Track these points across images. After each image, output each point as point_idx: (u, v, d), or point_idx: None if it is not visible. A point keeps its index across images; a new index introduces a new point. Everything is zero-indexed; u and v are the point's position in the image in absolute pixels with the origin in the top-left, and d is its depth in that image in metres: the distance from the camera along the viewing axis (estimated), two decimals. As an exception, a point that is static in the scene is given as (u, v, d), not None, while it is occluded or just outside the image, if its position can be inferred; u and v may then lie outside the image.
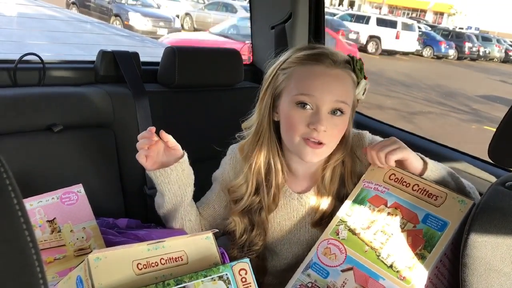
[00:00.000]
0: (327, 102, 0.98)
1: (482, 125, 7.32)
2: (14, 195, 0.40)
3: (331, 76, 1.00)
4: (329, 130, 0.99)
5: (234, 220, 1.11)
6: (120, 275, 0.71)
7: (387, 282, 0.89)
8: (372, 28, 15.22)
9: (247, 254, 1.10)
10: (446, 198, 0.93)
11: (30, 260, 0.40)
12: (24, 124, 1.32)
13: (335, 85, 1.00)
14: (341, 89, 1.00)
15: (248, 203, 1.09)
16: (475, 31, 24.38)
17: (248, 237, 1.11)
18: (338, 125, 1.01)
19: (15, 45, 4.54)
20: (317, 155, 1.02)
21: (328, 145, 1.02)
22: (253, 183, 1.09)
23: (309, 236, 1.12)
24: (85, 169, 1.40)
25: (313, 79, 0.99)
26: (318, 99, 0.98)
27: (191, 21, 12.93)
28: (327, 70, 0.99)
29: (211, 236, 0.84)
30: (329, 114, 0.99)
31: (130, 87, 1.52)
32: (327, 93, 0.98)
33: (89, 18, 9.94)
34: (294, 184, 1.12)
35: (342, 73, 1.01)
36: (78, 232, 1.00)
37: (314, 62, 1.00)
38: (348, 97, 1.01)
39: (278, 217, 1.13)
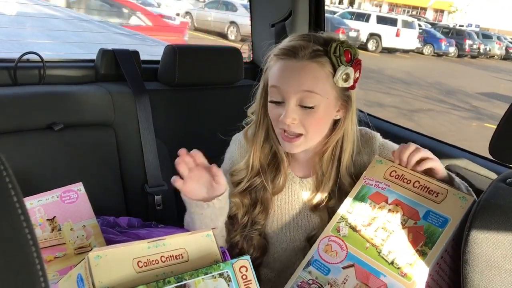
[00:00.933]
0: (292, 94, 1.00)
1: (483, 123, 7.31)
2: (14, 193, 0.40)
3: (295, 68, 1.01)
4: (302, 121, 1.01)
5: (234, 203, 1.12)
6: (120, 273, 0.71)
7: (388, 279, 0.89)
8: (372, 26, 15.20)
9: (250, 233, 1.12)
10: (447, 195, 0.93)
11: (31, 258, 0.40)
12: (24, 123, 1.33)
13: (297, 76, 1.00)
14: (305, 79, 1.00)
15: (248, 184, 1.12)
16: (475, 29, 24.37)
17: (250, 216, 1.13)
18: (311, 116, 1.01)
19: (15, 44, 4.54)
20: (296, 147, 1.05)
21: (306, 136, 1.03)
22: (254, 166, 1.11)
23: (307, 222, 1.14)
24: (85, 167, 1.40)
25: (280, 72, 1.02)
26: (283, 90, 1.01)
27: (192, 20, 12.92)
28: (294, 63, 1.01)
29: (211, 233, 0.84)
30: (298, 107, 1.01)
31: (130, 86, 1.52)
32: (290, 85, 1.00)
33: (89, 16, 9.92)
34: (296, 169, 1.15)
35: (308, 64, 1.00)
36: (78, 230, 1.01)
37: (284, 56, 1.02)
38: (316, 86, 1.00)
39: (279, 200, 1.15)
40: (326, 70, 1.01)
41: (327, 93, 1.02)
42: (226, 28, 12.30)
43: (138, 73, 1.57)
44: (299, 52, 1.00)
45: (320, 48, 1.01)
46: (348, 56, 1.02)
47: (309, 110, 1.01)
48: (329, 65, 1.01)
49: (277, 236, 1.17)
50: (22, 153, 1.30)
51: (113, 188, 1.46)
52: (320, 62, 1.01)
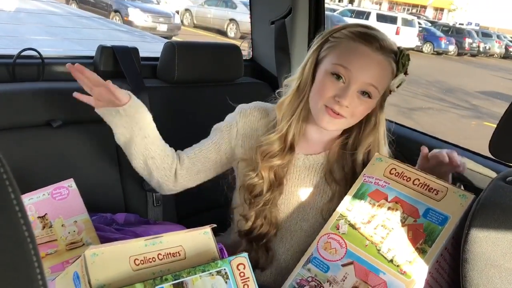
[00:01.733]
0: (359, 82, 1.02)
1: (482, 121, 7.32)
2: (11, 190, 0.40)
3: (372, 59, 1.02)
4: (351, 108, 1.03)
5: (262, 176, 1.11)
6: (117, 271, 0.71)
7: (388, 277, 0.88)
8: (372, 24, 15.06)
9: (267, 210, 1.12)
10: (446, 193, 0.93)
11: (28, 255, 0.40)
12: (22, 120, 1.32)
13: (372, 68, 1.02)
14: (377, 74, 1.03)
15: (280, 161, 1.11)
16: (475, 27, 24.37)
17: (272, 193, 1.12)
18: (363, 105, 1.04)
19: (14, 40, 4.53)
20: (334, 124, 1.06)
21: (347, 119, 1.05)
22: (289, 141, 1.11)
23: (306, 201, 1.15)
24: (84, 164, 1.40)
25: (355, 55, 1.02)
26: (352, 75, 1.01)
27: (191, 17, 12.90)
28: (371, 52, 1.02)
29: (209, 231, 0.84)
30: (357, 93, 1.03)
31: (129, 83, 1.52)
32: (362, 73, 1.01)
33: (88, 13, 9.91)
34: (302, 147, 1.15)
35: (383, 60, 1.03)
36: (69, 226, 1.00)
37: (363, 41, 1.02)
38: (381, 83, 1.04)
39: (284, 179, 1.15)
40: (391, 70, 1.05)
41: (382, 91, 1.06)
42: (225, 25, 12.29)
43: (137, 70, 1.56)
44: (382, 43, 1.03)
45: (393, 49, 1.05)
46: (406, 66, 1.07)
47: (364, 100, 1.04)
48: (394, 67, 1.05)
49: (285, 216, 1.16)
50: (20, 149, 1.29)
51: (111, 185, 1.45)
52: (389, 62, 1.04)
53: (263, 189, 1.12)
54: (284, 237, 1.17)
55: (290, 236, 1.17)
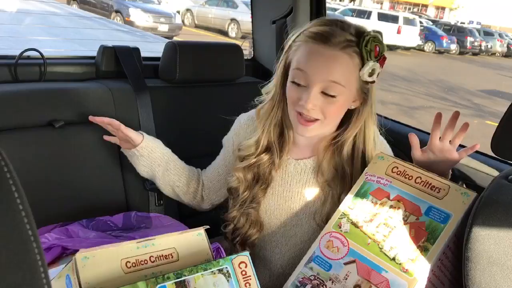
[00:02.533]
0: (318, 81, 1.00)
1: (484, 120, 7.30)
2: (15, 189, 0.40)
3: (326, 56, 1.00)
4: (319, 109, 1.02)
5: (237, 177, 1.15)
6: (108, 274, 0.71)
7: (390, 275, 0.88)
8: (374, 23, 15.15)
9: (247, 210, 1.14)
10: (449, 191, 0.93)
11: (32, 254, 0.40)
12: (25, 120, 1.32)
13: (328, 66, 1.00)
14: (334, 70, 1.00)
15: (254, 160, 1.13)
16: (477, 26, 24.32)
17: (250, 193, 1.14)
18: (331, 104, 1.02)
19: (16, 41, 4.54)
20: (309, 131, 1.05)
21: (322, 122, 1.04)
22: (263, 144, 1.13)
23: (298, 204, 1.14)
24: (86, 164, 1.40)
25: (309, 56, 1.01)
26: (310, 77, 1.00)
27: (192, 17, 12.90)
28: (324, 50, 1.00)
29: (203, 232, 0.85)
30: (320, 94, 1.01)
31: (131, 83, 1.52)
32: (318, 72, 1.00)
33: (89, 14, 9.92)
34: (293, 152, 1.16)
35: (339, 54, 1.00)
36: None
37: (315, 41, 1.01)
38: (343, 78, 1.00)
39: (272, 182, 1.15)
40: (354, 62, 1.01)
41: (351, 85, 1.02)
42: (226, 25, 12.28)
43: (139, 70, 1.56)
44: (332, 39, 0.99)
45: (353, 39, 1.00)
46: (376, 51, 1.01)
47: (331, 98, 1.01)
48: (358, 57, 1.01)
49: (268, 219, 1.16)
50: (22, 150, 1.29)
51: (113, 185, 1.45)
52: (350, 53, 1.00)
53: (240, 189, 1.14)
54: (279, 243, 1.17)
55: (284, 241, 1.16)
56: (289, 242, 1.16)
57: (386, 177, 1.00)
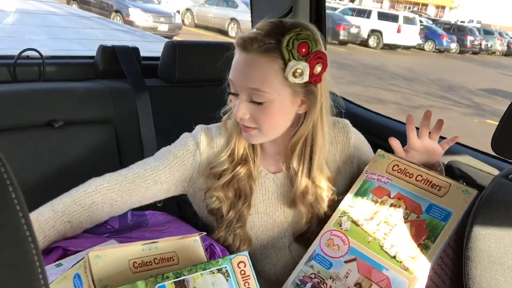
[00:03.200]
0: (242, 90, 0.96)
1: (485, 119, 7.30)
2: (12, 189, 0.40)
3: (245, 63, 0.95)
4: (253, 116, 0.97)
5: (217, 196, 1.06)
6: (118, 273, 0.72)
7: (391, 273, 0.88)
8: (374, 22, 15.16)
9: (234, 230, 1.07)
10: (449, 188, 0.92)
11: (29, 255, 0.40)
12: (24, 120, 1.32)
13: (248, 72, 0.95)
14: (255, 76, 0.94)
15: (231, 175, 1.05)
16: (477, 25, 24.28)
17: (235, 212, 1.07)
18: (263, 112, 0.96)
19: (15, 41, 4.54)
20: (252, 138, 1.01)
21: (261, 130, 0.99)
22: (238, 155, 1.06)
23: (283, 218, 1.11)
24: (85, 164, 1.40)
25: (233, 66, 0.98)
26: (236, 85, 0.97)
27: (192, 16, 12.90)
28: (244, 56, 0.95)
29: (199, 239, 0.86)
30: (250, 102, 0.96)
31: (130, 82, 1.52)
32: (240, 81, 0.96)
33: (89, 13, 9.92)
34: (268, 164, 1.11)
35: (258, 59, 0.94)
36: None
37: (238, 47, 0.97)
38: (265, 84, 0.94)
39: (254, 198, 1.09)
40: (275, 65, 0.94)
41: (278, 90, 0.95)
42: (226, 24, 12.29)
43: (138, 69, 1.56)
44: (249, 45, 0.94)
45: (272, 41, 0.94)
46: (302, 50, 0.93)
47: (260, 105, 0.96)
48: (281, 60, 0.93)
49: (255, 234, 1.12)
50: (22, 150, 1.29)
51: (113, 185, 1.45)
52: (270, 56, 0.93)
53: (224, 210, 1.07)
54: (269, 254, 1.14)
55: (275, 253, 1.14)
56: (279, 253, 1.14)
57: (386, 175, 1.00)
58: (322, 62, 0.96)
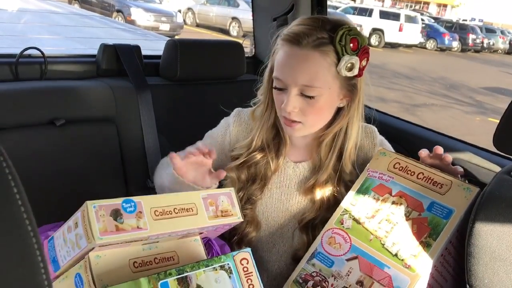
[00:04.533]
0: (293, 85, 0.99)
1: (487, 117, 7.29)
2: (14, 184, 0.40)
3: (298, 59, 0.98)
4: (301, 111, 1.00)
5: (230, 178, 1.11)
6: (118, 272, 0.73)
7: (392, 271, 0.88)
8: (375, 20, 15.14)
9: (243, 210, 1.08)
10: (451, 186, 0.92)
11: (31, 249, 0.40)
12: (26, 118, 1.32)
13: (301, 68, 0.98)
14: (308, 72, 0.97)
15: (245, 158, 1.10)
16: (478, 23, 24.23)
17: (246, 192, 1.11)
18: (312, 106, 1.00)
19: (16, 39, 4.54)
20: (295, 131, 1.05)
21: (305, 124, 1.03)
22: (256, 145, 1.11)
23: (296, 207, 1.13)
24: (87, 163, 1.40)
25: (284, 61, 1.00)
26: (285, 82, 1.00)
27: (193, 16, 12.90)
28: (296, 52, 0.98)
29: (199, 238, 0.86)
30: (299, 96, 0.99)
31: (132, 81, 1.52)
32: (292, 77, 0.98)
33: (90, 13, 9.93)
34: (292, 154, 1.14)
35: (311, 54, 0.97)
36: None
37: (287, 43, 0.99)
38: (318, 80, 0.98)
39: (270, 184, 1.13)
40: (329, 59, 0.98)
41: (329, 84, 0.99)
42: (228, 24, 12.28)
43: (140, 68, 1.56)
44: (303, 39, 0.97)
45: (325, 36, 0.97)
46: (355, 44, 0.98)
47: (310, 99, 0.99)
48: (334, 54, 0.97)
49: (265, 219, 1.15)
50: (23, 148, 1.30)
51: (115, 183, 1.46)
52: (324, 51, 0.97)
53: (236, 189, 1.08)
54: (276, 243, 1.15)
55: (282, 242, 1.15)
56: (287, 243, 1.14)
57: (388, 173, 1.00)
58: (367, 56, 1.02)
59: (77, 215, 0.70)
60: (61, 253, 0.75)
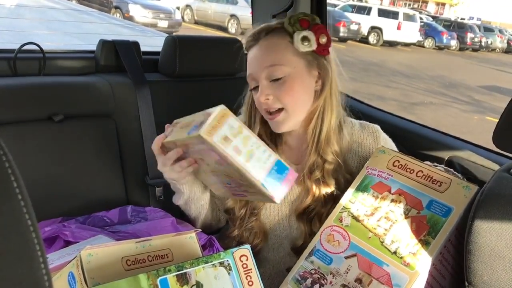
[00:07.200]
0: (260, 72, 1.04)
1: (485, 116, 7.30)
2: (14, 179, 0.40)
3: (259, 48, 1.06)
4: (276, 95, 1.03)
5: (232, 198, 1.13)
6: (110, 271, 0.73)
7: (391, 268, 0.88)
8: (374, 19, 15.14)
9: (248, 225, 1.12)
10: (450, 184, 0.92)
11: (31, 244, 0.40)
12: (24, 114, 1.32)
13: (261, 53, 1.05)
14: (268, 54, 1.04)
15: None
16: (477, 22, 24.29)
17: (248, 208, 1.13)
18: (283, 87, 1.03)
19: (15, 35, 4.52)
20: (280, 123, 1.06)
21: (287, 110, 1.04)
22: None
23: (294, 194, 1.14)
24: (86, 158, 1.40)
25: (249, 60, 1.08)
26: (253, 73, 1.05)
27: (192, 13, 12.87)
28: (256, 46, 1.07)
29: (194, 235, 0.87)
30: (268, 83, 1.04)
31: (131, 77, 1.51)
32: (257, 65, 1.05)
33: (89, 9, 9.90)
34: (291, 156, 1.15)
35: (268, 40, 1.05)
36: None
37: (249, 45, 1.08)
38: (277, 57, 1.03)
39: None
40: (284, 40, 1.04)
41: (292, 62, 1.03)
42: (226, 21, 12.26)
43: (139, 64, 1.56)
44: (258, 36, 1.06)
45: (277, 26, 1.06)
46: (304, 23, 1.03)
47: (280, 82, 1.03)
48: (288, 36, 1.04)
49: (271, 224, 1.15)
50: (22, 144, 1.29)
51: (113, 179, 1.45)
52: (278, 35, 1.05)
53: (236, 209, 1.13)
54: (282, 244, 1.16)
55: (287, 243, 1.15)
56: (294, 243, 1.14)
57: (387, 171, 1.00)
58: (326, 34, 1.05)
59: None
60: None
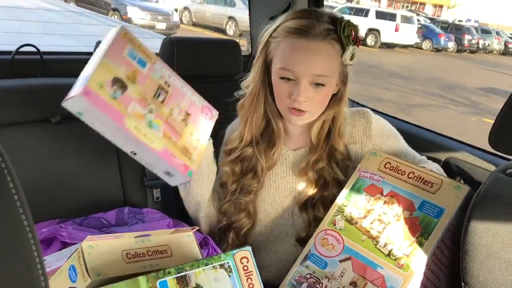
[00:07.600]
0: (306, 76, 1.02)
1: (482, 118, 7.31)
2: (10, 179, 0.40)
3: (311, 50, 1.02)
4: (310, 100, 1.04)
5: (225, 172, 1.16)
6: (111, 262, 0.73)
7: (385, 271, 0.88)
8: (371, 21, 15.17)
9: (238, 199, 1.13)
10: (441, 185, 0.93)
11: (27, 244, 0.40)
12: (21, 116, 1.32)
13: (314, 60, 1.02)
14: (320, 63, 1.02)
15: (239, 153, 1.14)
16: (474, 24, 24.34)
17: (239, 184, 1.14)
18: (320, 94, 1.05)
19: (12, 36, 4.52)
20: (301, 120, 1.08)
21: (311, 112, 1.07)
22: (247, 138, 1.14)
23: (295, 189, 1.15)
24: (83, 160, 1.39)
25: (293, 54, 1.02)
26: (298, 73, 1.02)
27: (190, 15, 12.88)
28: (307, 43, 1.02)
29: (192, 234, 0.87)
30: (309, 86, 1.03)
31: (128, 78, 1.51)
32: (305, 68, 1.02)
33: (87, 10, 9.90)
34: (289, 143, 1.17)
35: (322, 45, 1.02)
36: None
37: (297, 35, 1.02)
38: (328, 69, 1.04)
39: (274, 175, 1.16)
40: (336, 49, 1.04)
41: (335, 72, 1.06)
42: (224, 23, 12.27)
43: (136, 65, 1.55)
44: (312, 31, 1.01)
45: (331, 27, 1.03)
46: (353, 35, 1.05)
47: (320, 88, 1.04)
48: (338, 44, 1.04)
49: (270, 210, 1.16)
50: (19, 145, 1.29)
51: (111, 181, 1.45)
52: (331, 42, 1.03)
53: (228, 183, 1.15)
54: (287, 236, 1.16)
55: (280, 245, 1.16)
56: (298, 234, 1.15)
57: (379, 173, 1.00)
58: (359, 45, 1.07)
59: None
60: None
